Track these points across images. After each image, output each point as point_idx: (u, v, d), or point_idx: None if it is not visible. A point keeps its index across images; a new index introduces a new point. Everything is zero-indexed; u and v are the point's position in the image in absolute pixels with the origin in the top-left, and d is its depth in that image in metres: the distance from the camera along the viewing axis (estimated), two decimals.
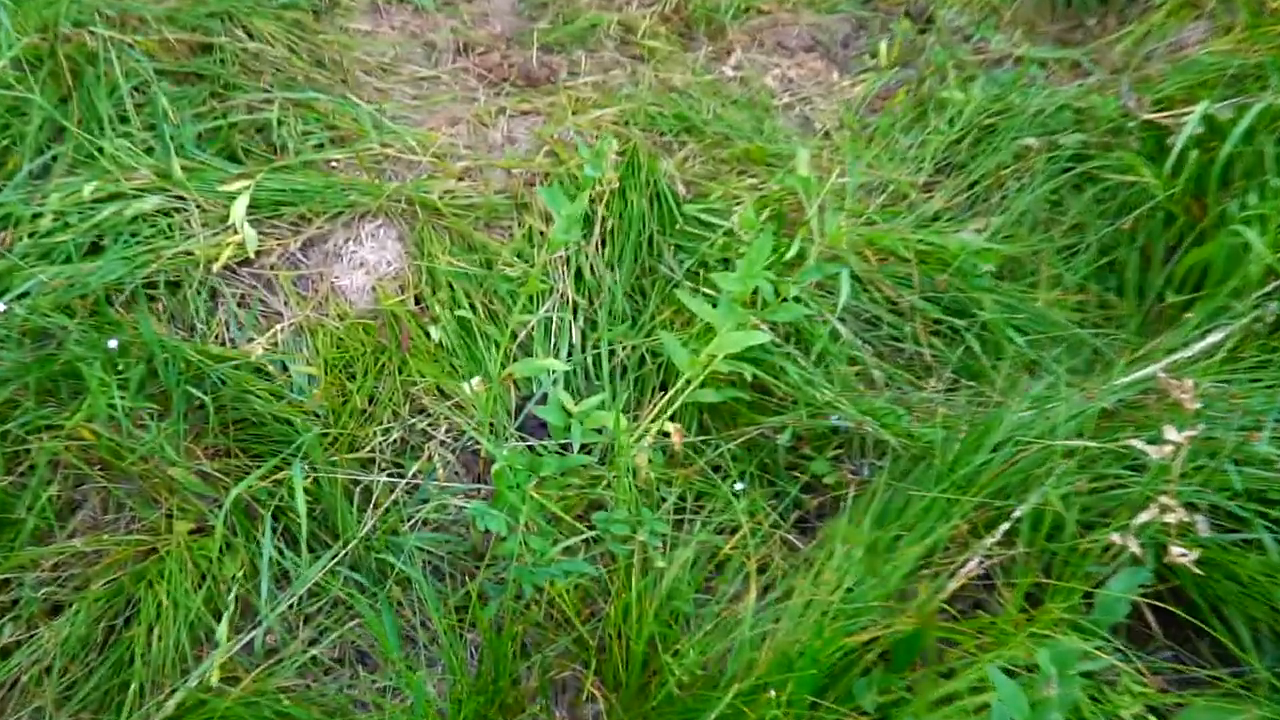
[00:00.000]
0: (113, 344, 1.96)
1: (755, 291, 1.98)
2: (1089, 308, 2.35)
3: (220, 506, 1.86)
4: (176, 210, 2.20)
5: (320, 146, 2.39)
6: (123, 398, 1.91)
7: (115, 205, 2.16)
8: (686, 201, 2.38)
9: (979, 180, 2.52)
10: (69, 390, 1.96)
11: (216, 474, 1.92)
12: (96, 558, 1.85)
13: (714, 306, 1.95)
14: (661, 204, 2.32)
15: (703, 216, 2.34)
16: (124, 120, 2.30)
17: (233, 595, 1.80)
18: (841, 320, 2.21)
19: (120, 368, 1.96)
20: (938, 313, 2.28)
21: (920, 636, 1.66)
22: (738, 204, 2.36)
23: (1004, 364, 2.19)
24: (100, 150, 2.23)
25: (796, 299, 2.07)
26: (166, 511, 1.89)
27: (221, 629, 1.74)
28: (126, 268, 2.09)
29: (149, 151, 2.27)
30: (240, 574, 1.82)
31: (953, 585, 1.71)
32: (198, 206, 2.20)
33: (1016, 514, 1.77)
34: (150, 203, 2.19)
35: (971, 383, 2.19)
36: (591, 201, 2.27)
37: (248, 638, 1.79)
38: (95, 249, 2.14)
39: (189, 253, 2.14)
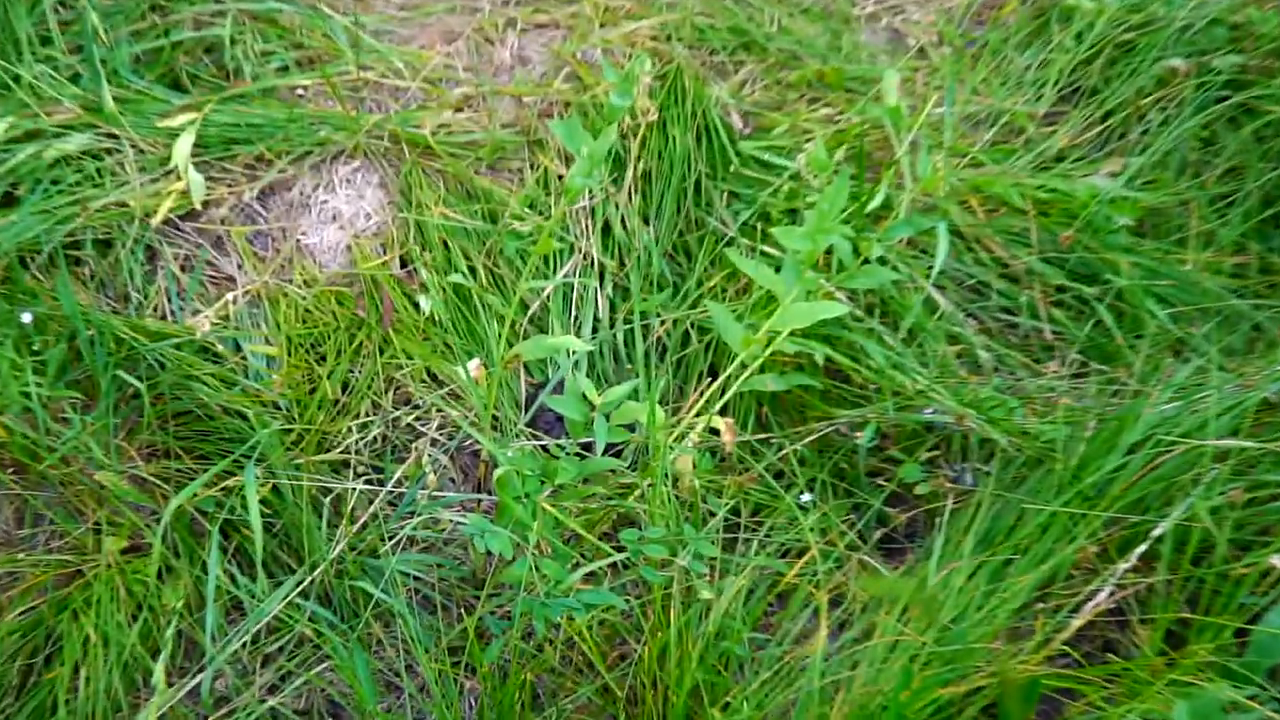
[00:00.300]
0: (27, 317, 1.96)
1: (829, 251, 1.95)
2: (1248, 272, 2.34)
3: (158, 520, 1.85)
4: (107, 151, 2.21)
5: (284, 70, 2.38)
6: (39, 384, 1.91)
7: (33, 146, 2.17)
8: (743, 137, 2.37)
9: (1113, 111, 2.52)
10: None
11: (154, 480, 1.92)
12: (10, 582, 1.86)
13: (776, 270, 1.91)
14: (711, 140, 2.32)
15: (764, 156, 2.34)
16: (46, 41, 2.31)
17: (173, 630, 1.80)
18: (939, 287, 2.20)
19: (36, 347, 1.96)
20: (1061, 278, 2.27)
21: (1033, 687, 1.65)
22: (808, 140, 2.34)
23: (1143, 343, 2.19)
24: (17, 79, 2.23)
25: (881, 260, 2.05)
26: (94, 525, 1.90)
27: (158, 672, 1.73)
28: (45, 223, 2.10)
29: (75, 79, 2.27)
30: (182, 604, 1.82)
31: (1077, 622, 1.71)
32: (133, 146, 2.21)
33: (1157, 532, 1.76)
34: (75, 142, 2.19)
35: (1102, 366, 2.19)
36: (623, 137, 2.27)
37: (193, 683, 1.80)
38: (9, 200, 2.15)
39: (122, 204, 2.15)
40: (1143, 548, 1.74)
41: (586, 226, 2.24)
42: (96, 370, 1.96)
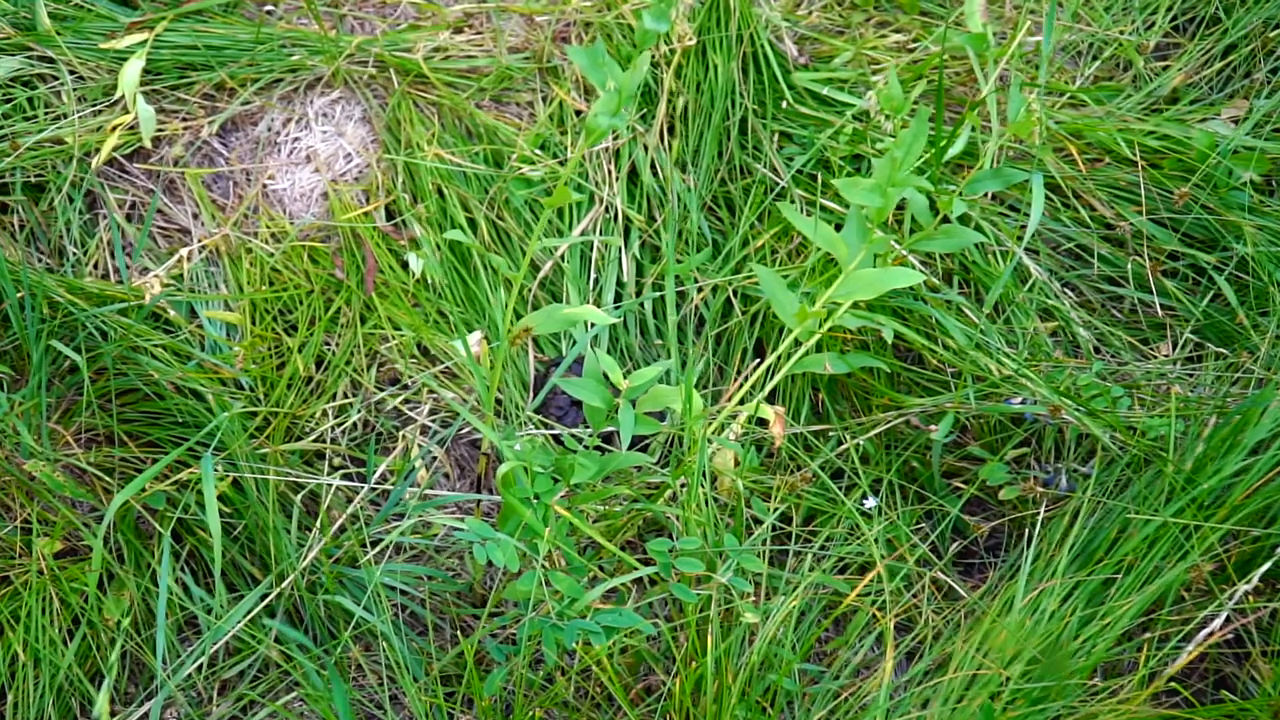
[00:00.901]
0: None
1: (900, 207, 1.94)
2: None
3: (100, 519, 1.84)
4: (41, 78, 2.21)
5: None
6: None
7: None
8: (798, 68, 2.37)
9: (1236, 45, 2.51)
10: None
11: (94, 471, 1.92)
12: None
13: (838, 229, 1.90)
14: (761, 71, 2.32)
15: (822, 91, 2.34)
16: None
17: (118, 652, 1.79)
18: (1031, 252, 2.19)
19: None
20: (1174, 243, 2.26)
21: None
22: (875, 72, 2.34)
23: (1270, 321, 2.16)
24: None
25: (963, 219, 2.03)
26: (22, 524, 1.89)
27: (101, 701, 1.72)
28: None
29: None
30: (128, 619, 1.82)
31: (1186, 655, 1.71)
32: (72, 72, 2.21)
33: None
34: (4, 67, 2.20)
35: (1221, 349, 2.18)
36: (655, 67, 2.26)
37: (139, 711, 1.79)
38: None
39: (58, 140, 2.16)
40: (1266, 566, 1.74)
41: (609, 172, 2.24)
42: (27, 340, 1.96)
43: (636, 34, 2.19)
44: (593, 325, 2.11)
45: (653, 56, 2.26)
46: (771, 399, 1.97)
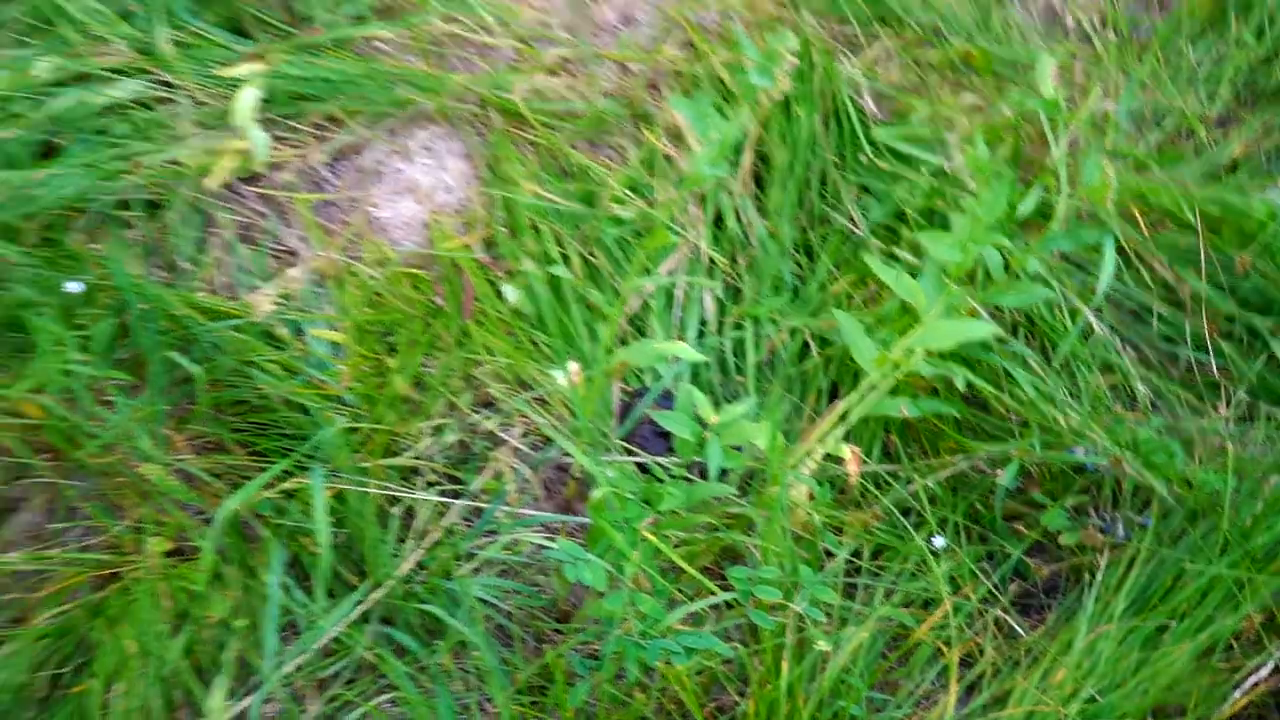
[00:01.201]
0: (75, 286, 1.99)
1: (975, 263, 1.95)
2: None
3: (209, 522, 1.87)
4: (161, 101, 2.24)
5: (360, 19, 2.41)
6: (84, 362, 1.94)
7: (79, 91, 2.20)
8: (878, 123, 2.38)
9: None
10: (9, 346, 2.00)
11: (204, 476, 1.94)
12: (39, 581, 1.88)
13: (915, 278, 1.92)
14: (841, 125, 2.34)
15: (900, 147, 2.34)
16: None
17: (234, 649, 1.81)
18: (1096, 311, 2.20)
19: (80, 320, 1.99)
20: (1231, 306, 2.27)
21: None
22: (950, 130, 2.36)
23: None
24: (60, 13, 2.27)
25: (1034, 276, 2.05)
26: (135, 524, 1.92)
27: (216, 697, 1.76)
28: (91, 179, 2.13)
29: (126, 18, 2.30)
30: (236, 619, 1.84)
31: (1230, 704, 1.74)
32: (190, 97, 2.24)
33: None
34: (126, 89, 2.23)
35: (1275, 410, 2.19)
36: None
37: (240, 706, 1.80)
38: (50, 151, 2.18)
39: (175, 162, 2.18)
40: None
41: (698, 215, 2.25)
42: (147, 350, 1.98)
43: (738, 86, 2.20)
44: (676, 361, 2.13)
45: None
46: (847, 439, 1.99)
